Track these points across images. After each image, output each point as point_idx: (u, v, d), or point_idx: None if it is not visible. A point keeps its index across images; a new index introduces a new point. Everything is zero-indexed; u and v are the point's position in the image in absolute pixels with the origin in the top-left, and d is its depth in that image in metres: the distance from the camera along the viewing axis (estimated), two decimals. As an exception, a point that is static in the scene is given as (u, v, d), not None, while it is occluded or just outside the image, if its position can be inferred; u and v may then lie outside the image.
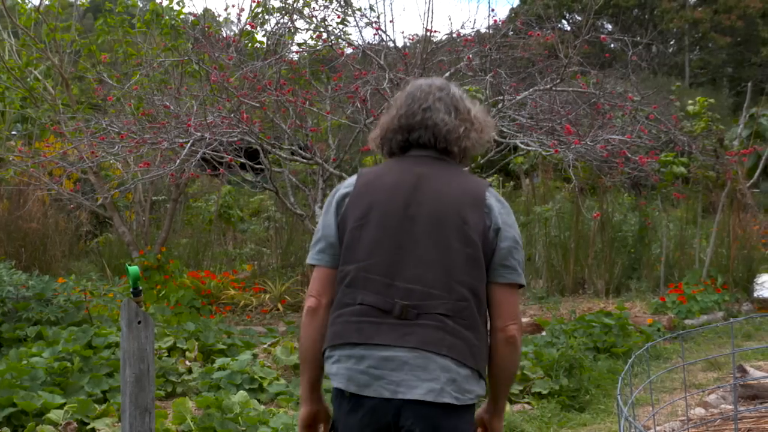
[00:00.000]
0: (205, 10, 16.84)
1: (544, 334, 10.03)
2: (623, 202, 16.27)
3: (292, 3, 14.45)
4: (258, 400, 7.34)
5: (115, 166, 14.46)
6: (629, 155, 10.88)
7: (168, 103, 12.11)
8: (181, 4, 15.12)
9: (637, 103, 12.06)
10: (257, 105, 11.75)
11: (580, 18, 47.22)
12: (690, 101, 14.94)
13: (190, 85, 13.87)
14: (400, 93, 3.45)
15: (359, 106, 11.81)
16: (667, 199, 15.46)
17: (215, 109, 11.89)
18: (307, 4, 14.42)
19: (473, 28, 13.74)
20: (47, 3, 14.42)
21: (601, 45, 14.32)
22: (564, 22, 49.72)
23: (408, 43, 14.94)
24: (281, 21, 14.11)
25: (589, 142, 10.61)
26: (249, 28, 14.63)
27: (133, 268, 4.32)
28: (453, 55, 12.65)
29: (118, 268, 14.30)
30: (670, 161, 13.39)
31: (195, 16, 14.44)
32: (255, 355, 8.62)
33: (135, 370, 3.98)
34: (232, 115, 11.37)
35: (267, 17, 15.06)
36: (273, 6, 15.15)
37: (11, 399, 6.51)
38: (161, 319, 10.31)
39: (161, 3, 14.79)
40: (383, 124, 3.38)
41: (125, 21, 14.66)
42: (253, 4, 14.60)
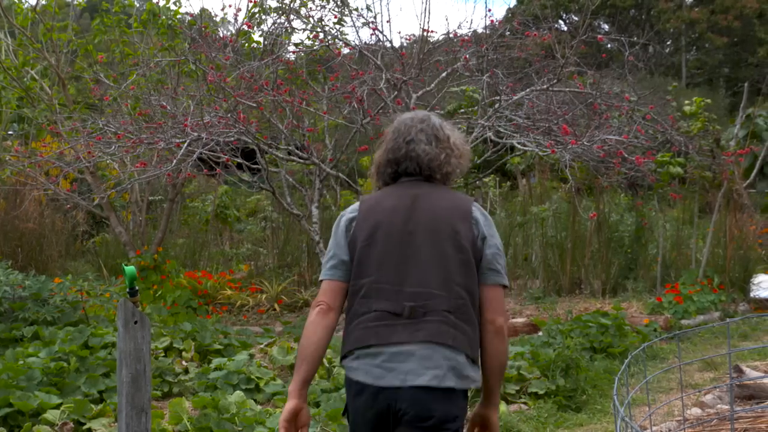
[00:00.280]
0: (202, 10, 16.82)
1: (540, 334, 10.02)
2: (620, 202, 16.27)
3: (289, 3, 14.44)
4: (254, 400, 7.34)
5: (112, 166, 14.46)
6: (626, 155, 10.88)
7: (165, 103, 12.10)
8: (178, 3, 15.14)
9: (634, 103, 12.06)
10: (254, 105, 11.75)
11: (577, 18, 47.26)
12: (687, 101, 14.92)
13: (186, 85, 13.86)
14: (388, 128, 3.95)
15: (356, 106, 11.81)
16: (663, 199, 15.46)
17: (212, 109, 11.89)
18: (304, 4, 14.41)
19: (470, 29, 13.79)
20: (44, 3, 14.43)
21: (598, 45, 14.38)
22: (561, 22, 49.74)
23: (405, 44, 14.94)
24: (278, 21, 14.09)
25: (585, 143, 10.62)
26: (246, 28, 14.63)
27: (130, 268, 4.32)
28: (450, 56, 12.65)
29: (115, 268, 14.29)
30: (666, 161, 13.38)
31: (192, 16, 14.43)
32: (251, 356, 8.62)
33: (131, 370, 3.98)
34: (229, 115, 11.37)
35: (264, 17, 15.06)
36: (270, 6, 15.20)
37: (8, 399, 6.51)
38: (158, 319, 10.30)
39: (158, 3, 14.79)
40: (376, 160, 3.90)
41: (122, 21, 14.66)
42: (250, 4, 14.60)
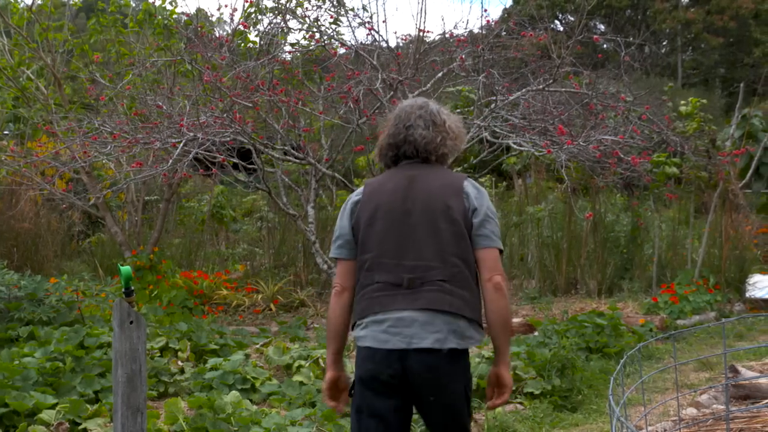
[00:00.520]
0: (198, 10, 16.80)
1: (536, 334, 10.02)
2: (616, 202, 16.28)
3: (284, 3, 14.44)
4: (250, 400, 7.33)
5: (108, 165, 14.43)
6: (622, 155, 10.89)
7: (160, 103, 12.10)
8: (173, 3, 15.11)
9: (630, 103, 12.07)
10: (250, 105, 11.74)
11: (572, 18, 47.31)
12: (682, 102, 14.96)
13: (182, 85, 13.85)
14: (390, 114, 4.31)
15: (352, 106, 11.81)
16: (659, 199, 15.48)
17: (208, 109, 11.88)
18: (299, 4, 14.40)
19: (466, 29, 13.81)
20: (39, 2, 14.40)
21: (594, 45, 14.35)
22: (557, 22, 49.80)
23: (401, 44, 14.94)
24: (274, 21, 14.11)
25: (581, 143, 10.62)
26: (242, 27, 14.63)
27: (125, 268, 4.31)
28: (446, 56, 12.65)
29: (111, 268, 14.27)
30: (662, 162, 13.41)
31: (188, 15, 14.45)
32: (247, 356, 8.61)
33: (127, 371, 3.98)
34: (225, 115, 11.36)
35: (260, 17, 15.05)
36: (266, 6, 15.15)
37: (3, 399, 6.49)
38: (153, 319, 10.29)
39: (154, 3, 14.77)
40: (379, 144, 4.26)
41: (118, 20, 14.64)
42: (246, 4, 14.60)
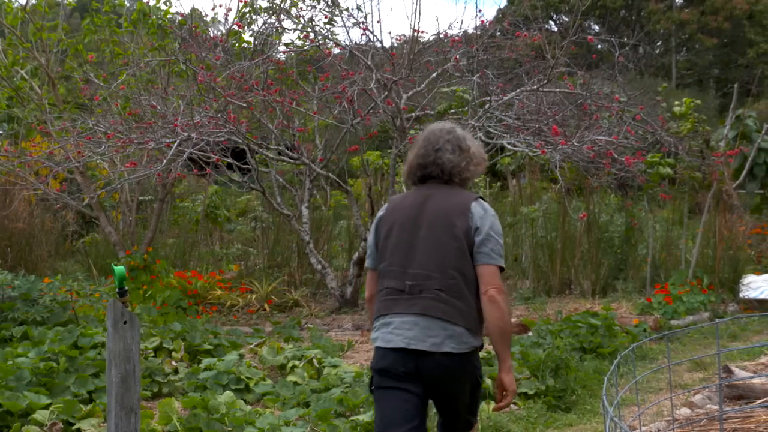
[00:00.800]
0: (193, 10, 16.81)
1: (530, 334, 10.02)
2: (610, 202, 16.29)
3: (279, 3, 14.45)
4: (244, 401, 7.32)
5: (102, 165, 14.44)
6: (616, 156, 10.91)
7: (155, 103, 12.10)
8: (168, 3, 15.12)
9: (624, 104, 12.08)
10: (244, 105, 11.75)
11: (567, 19, 47.33)
12: (676, 102, 14.93)
13: (177, 84, 13.85)
14: (419, 135, 4.71)
15: (346, 106, 11.83)
16: (653, 199, 15.48)
17: (202, 109, 11.89)
18: (294, 4, 14.41)
19: (460, 29, 13.82)
20: (34, 2, 14.40)
21: (588, 46, 14.40)
22: (551, 23, 49.79)
23: (395, 44, 14.96)
24: (268, 21, 14.10)
25: (575, 143, 10.64)
26: (236, 28, 14.63)
27: (119, 268, 4.31)
28: (440, 56, 12.67)
29: (105, 268, 14.26)
30: (656, 162, 13.40)
31: (182, 15, 14.42)
32: (241, 356, 8.60)
33: (120, 371, 3.97)
34: (219, 115, 11.37)
35: (254, 17, 15.06)
36: (260, 6, 15.17)
37: (-4, 399, 6.49)
38: (147, 319, 10.28)
39: (148, 2, 14.76)
40: (408, 162, 4.65)
41: (112, 20, 14.63)
42: (241, 4, 14.60)
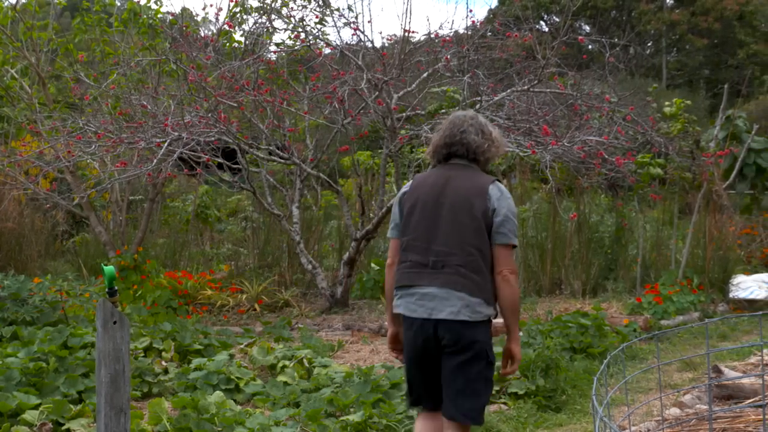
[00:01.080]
0: (183, 10, 16.81)
1: (521, 334, 10.02)
2: (600, 203, 16.30)
3: (270, 3, 14.44)
4: (234, 401, 7.32)
5: (92, 165, 14.41)
6: (606, 156, 10.91)
7: (145, 103, 12.09)
8: (158, 3, 15.09)
9: (614, 104, 12.09)
10: (235, 105, 11.74)
11: (558, 19, 47.36)
12: (667, 103, 14.95)
13: (167, 84, 13.83)
14: (444, 120, 5.16)
15: (337, 106, 11.83)
16: (643, 200, 15.50)
17: (193, 108, 11.88)
18: (285, 4, 14.41)
19: (451, 29, 13.80)
20: (24, 1, 14.38)
21: (579, 46, 14.41)
22: (542, 23, 49.82)
23: (386, 44, 14.96)
24: (259, 21, 14.10)
25: (566, 143, 10.65)
26: (227, 27, 14.61)
27: (109, 268, 4.30)
28: (431, 56, 12.67)
29: (95, 268, 14.23)
30: (646, 162, 13.42)
31: (173, 15, 14.40)
32: (231, 356, 8.60)
33: (110, 371, 3.97)
34: (210, 114, 11.36)
35: (245, 17, 15.05)
36: (251, 6, 15.15)
37: (-14, 399, 6.48)
38: (138, 319, 10.26)
39: (139, 2, 14.74)
40: (434, 142, 5.09)
41: (102, 20, 14.61)
42: (231, 4, 14.59)
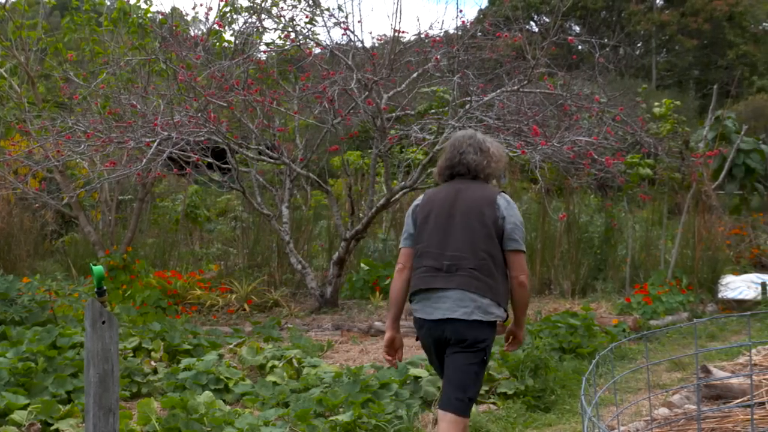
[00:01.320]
0: (173, 9, 16.79)
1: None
2: (589, 203, 16.33)
3: (260, 2, 14.43)
4: (223, 401, 7.32)
5: (81, 165, 14.38)
6: (596, 157, 10.93)
7: (135, 102, 12.06)
8: (148, 2, 15.06)
9: (604, 104, 12.10)
10: (224, 104, 11.73)
11: (548, 19, 47.46)
12: (656, 103, 14.99)
13: (157, 84, 13.80)
14: (447, 143, 5.54)
15: (327, 106, 11.82)
16: (633, 200, 15.54)
17: (182, 108, 11.85)
18: (275, 4, 14.40)
19: (441, 29, 13.79)
20: (13, 0, 14.32)
21: (569, 47, 14.42)
22: (532, 23, 49.90)
23: (376, 44, 14.96)
24: (249, 20, 14.08)
25: (555, 144, 10.66)
26: (217, 27, 14.59)
27: (98, 268, 4.30)
28: (421, 56, 12.68)
29: (84, 267, 14.20)
30: (636, 163, 13.44)
31: (163, 14, 14.38)
32: (221, 356, 8.59)
33: (99, 371, 3.96)
34: (199, 114, 11.35)
35: (235, 16, 15.03)
36: (241, 5, 15.13)
37: (-26, 399, 6.47)
38: (127, 319, 10.25)
39: (128, 1, 14.71)
40: (438, 165, 5.49)
41: (92, 19, 14.57)
42: (221, 4, 14.56)
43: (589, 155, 10.87)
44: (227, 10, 14.88)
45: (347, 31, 12.28)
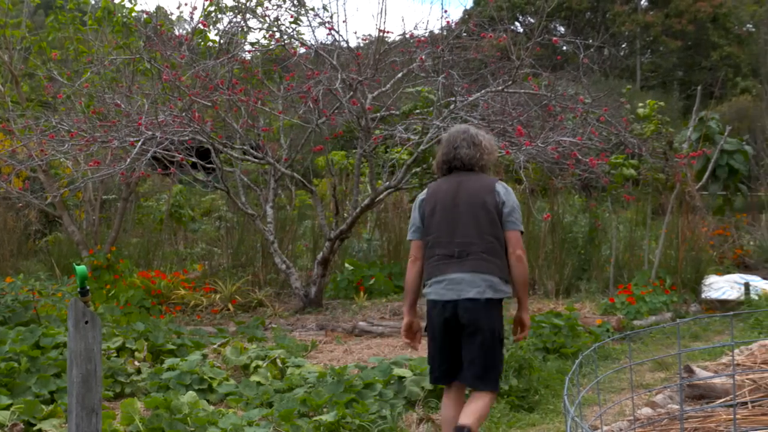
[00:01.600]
0: (158, 8, 16.74)
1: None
2: (574, 203, 16.35)
3: (245, 2, 14.41)
4: (207, 401, 7.30)
5: (65, 164, 14.34)
6: (580, 157, 10.94)
7: (119, 102, 12.04)
8: (133, 1, 15.03)
9: (588, 105, 12.12)
10: (209, 104, 11.72)
11: (532, 20, 47.46)
12: (640, 104, 15.06)
13: (141, 83, 13.79)
14: (443, 138, 5.95)
15: (311, 106, 11.81)
16: (617, 200, 15.56)
17: (167, 107, 11.83)
18: (260, 4, 14.38)
19: (426, 29, 13.78)
20: (-4, -1, 14.27)
21: (553, 47, 14.39)
22: (517, 24, 49.97)
23: (361, 44, 14.96)
24: (234, 20, 14.07)
25: (540, 144, 10.67)
26: (201, 26, 14.58)
27: (81, 268, 4.29)
28: (406, 56, 12.68)
29: (68, 267, 14.16)
30: (620, 163, 13.49)
31: (147, 14, 14.38)
32: (205, 356, 8.57)
33: (82, 371, 3.94)
34: (184, 114, 11.33)
35: (220, 16, 15.02)
36: (226, 5, 15.11)
37: (-44, 400, 6.44)
38: (110, 319, 10.22)
39: (113, 0, 14.67)
40: (437, 160, 5.89)
41: (76, 18, 14.54)
42: (206, 3, 14.55)
43: (573, 156, 10.88)
44: (212, 9, 14.87)
45: (332, 31, 12.30)
